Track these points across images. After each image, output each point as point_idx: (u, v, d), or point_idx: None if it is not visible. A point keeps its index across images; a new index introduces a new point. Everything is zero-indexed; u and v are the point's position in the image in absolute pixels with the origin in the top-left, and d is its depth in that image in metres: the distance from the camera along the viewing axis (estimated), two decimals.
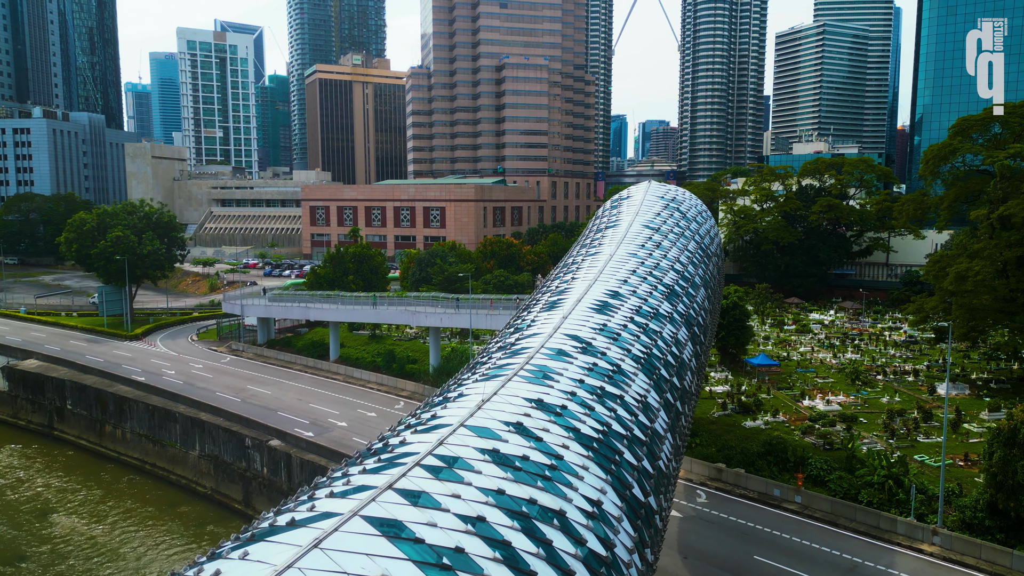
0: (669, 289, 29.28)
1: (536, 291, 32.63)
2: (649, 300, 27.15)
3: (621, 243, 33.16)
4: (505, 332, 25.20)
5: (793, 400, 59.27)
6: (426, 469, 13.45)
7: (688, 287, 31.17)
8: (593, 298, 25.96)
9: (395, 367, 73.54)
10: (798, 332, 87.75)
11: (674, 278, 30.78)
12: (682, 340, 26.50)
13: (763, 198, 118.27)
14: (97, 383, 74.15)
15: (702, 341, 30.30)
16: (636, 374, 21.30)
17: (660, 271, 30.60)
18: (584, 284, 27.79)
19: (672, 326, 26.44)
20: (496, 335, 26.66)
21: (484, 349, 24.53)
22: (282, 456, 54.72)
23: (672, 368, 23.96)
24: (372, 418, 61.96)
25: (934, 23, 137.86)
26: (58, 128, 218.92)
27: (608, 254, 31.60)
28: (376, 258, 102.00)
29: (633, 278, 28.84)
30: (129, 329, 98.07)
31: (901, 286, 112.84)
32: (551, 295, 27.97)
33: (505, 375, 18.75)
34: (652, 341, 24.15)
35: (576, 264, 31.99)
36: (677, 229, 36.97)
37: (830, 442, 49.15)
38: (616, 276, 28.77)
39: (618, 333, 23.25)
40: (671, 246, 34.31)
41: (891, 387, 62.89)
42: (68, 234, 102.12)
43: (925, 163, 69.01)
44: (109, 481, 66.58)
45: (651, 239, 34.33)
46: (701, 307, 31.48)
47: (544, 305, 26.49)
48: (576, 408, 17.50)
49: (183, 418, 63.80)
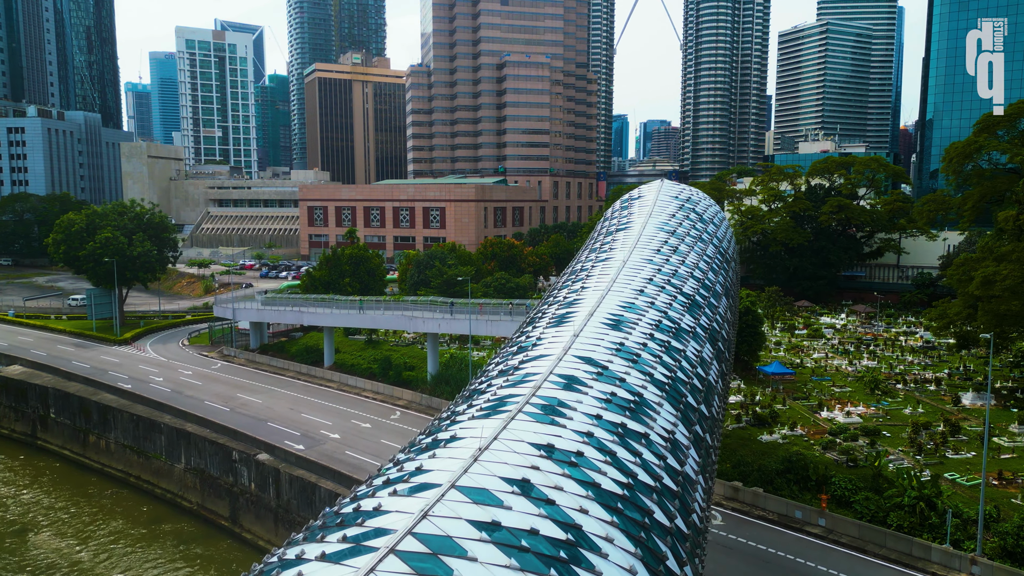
0: (690, 299, 26.25)
1: (541, 301, 29.61)
2: (669, 313, 24.12)
3: (635, 247, 30.11)
4: (507, 351, 22.15)
5: (810, 411, 56.17)
6: (401, 559, 10.34)
7: (710, 296, 28.13)
8: (607, 311, 22.93)
9: (391, 374, 70.50)
10: (810, 337, 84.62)
11: (694, 287, 27.74)
12: (707, 359, 23.47)
13: (771, 198, 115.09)
14: (81, 391, 71.13)
15: (727, 358, 27.30)
16: (661, 404, 18.29)
17: (679, 279, 27.55)
18: (596, 295, 24.74)
19: (696, 343, 23.41)
20: (497, 353, 23.57)
21: (483, 371, 21.50)
22: (270, 471, 51.68)
23: (699, 393, 20.95)
24: (366, 430, 58.93)
25: (945, 21, 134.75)
26: (53, 127, 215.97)
27: (621, 260, 28.55)
28: (373, 260, 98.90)
29: (650, 287, 25.79)
30: (118, 333, 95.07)
31: (913, 288, 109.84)
32: (559, 307, 24.92)
33: (507, 411, 15.73)
34: (676, 362, 21.13)
35: (585, 271, 28.90)
36: (694, 232, 33.89)
37: (853, 458, 46.04)
38: (631, 285, 25.73)
39: (637, 354, 20.23)
40: (689, 251, 31.25)
41: (913, 397, 59.79)
42: (56, 235, 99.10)
43: (948, 161, 65.87)
44: (92, 495, 63.53)
45: (667, 243, 31.27)
46: (724, 319, 28.46)
47: (551, 319, 23.43)
48: (594, 455, 14.46)
49: (168, 429, 60.78)
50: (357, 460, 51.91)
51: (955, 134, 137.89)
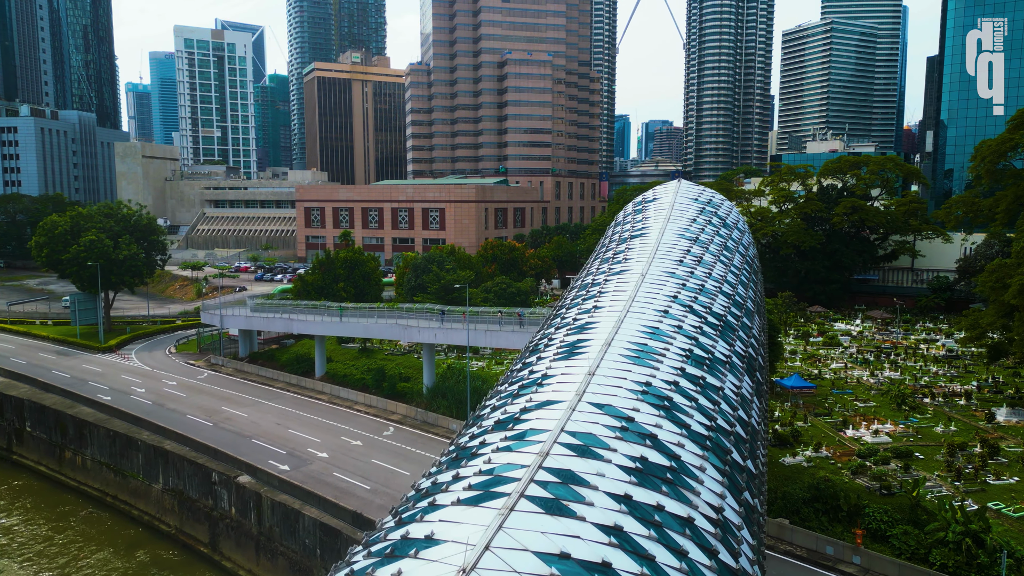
0: (721, 321, 22.37)
1: (547, 320, 25.71)
2: (700, 339, 20.25)
3: (653, 258, 26.19)
4: (507, 390, 18.17)
5: (834, 429, 52.19)
6: None
7: (743, 316, 24.25)
8: (627, 339, 19.04)
9: (385, 386, 66.56)
10: (826, 345, 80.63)
11: (725, 304, 23.86)
12: (748, 395, 19.60)
13: (781, 199, 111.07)
14: (57, 404, 67.23)
15: (765, 391, 23.41)
16: (703, 469, 14.44)
17: (707, 296, 23.66)
18: (612, 317, 20.86)
19: (734, 376, 19.54)
20: (495, 390, 19.59)
21: (476, 418, 17.55)
22: (251, 496, 47.75)
23: (744, 444, 17.11)
24: (357, 448, 54.99)
25: (959, 17, 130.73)
26: (46, 127, 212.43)
27: (639, 273, 24.64)
28: (369, 263, 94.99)
29: (675, 307, 21.91)
30: (103, 340, 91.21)
31: (929, 292, 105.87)
32: (568, 331, 21.02)
33: (504, 494, 11.71)
34: (714, 405, 17.28)
35: (598, 285, 24.96)
36: (718, 239, 29.96)
37: (887, 485, 42.04)
38: (653, 304, 21.84)
39: (668, 397, 16.38)
40: (714, 261, 27.33)
41: (942, 412, 55.80)
42: (39, 238, 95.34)
43: (980, 160, 61.89)
44: (66, 514, 59.67)
45: (689, 252, 27.35)
46: (759, 342, 24.58)
47: (560, 349, 19.50)
48: (626, 566, 10.51)
49: (146, 447, 56.87)
50: (345, 483, 48.03)
51: (969, 132, 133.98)
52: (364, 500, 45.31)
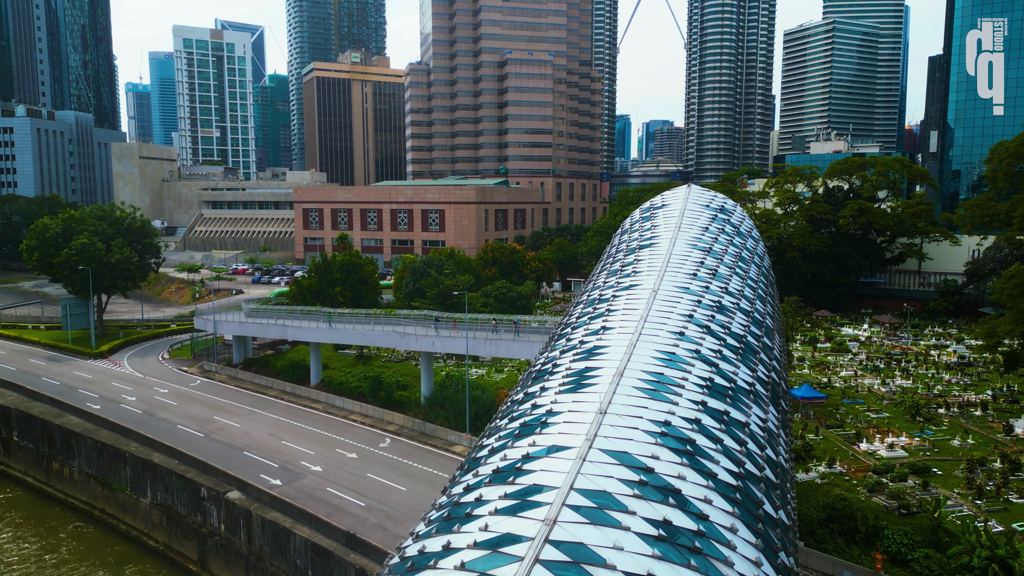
0: (741, 343, 20.48)
1: (552, 337, 23.80)
2: (721, 366, 18.37)
3: (665, 271, 24.29)
4: (507, 427, 16.19)
5: (848, 443, 50.27)
6: None
7: (763, 335, 22.35)
8: (641, 367, 17.17)
9: (382, 395, 64.66)
10: (834, 351, 78.71)
11: (743, 323, 21.97)
12: (774, 428, 17.72)
13: (787, 201, 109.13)
14: (45, 413, 65.35)
15: (790, 420, 21.48)
16: (735, 529, 12.57)
17: (725, 314, 21.77)
18: (624, 341, 18.97)
19: (759, 408, 17.67)
20: (496, 425, 17.62)
21: (473, 462, 15.57)
22: (241, 512, 45.86)
23: (774, 489, 15.24)
24: (352, 461, 53.10)
25: (967, 16, 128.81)
26: (43, 127, 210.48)
27: (650, 288, 22.74)
28: (366, 267, 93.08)
29: (692, 328, 20.03)
30: (94, 345, 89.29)
31: (937, 296, 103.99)
32: (575, 355, 19.12)
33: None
34: (740, 445, 15.40)
35: (606, 302, 23.03)
36: (733, 250, 28.03)
37: (906, 504, 40.15)
38: (667, 325, 19.96)
39: (690, 440, 14.49)
40: (730, 274, 25.42)
41: (958, 424, 53.88)
42: (30, 241, 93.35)
43: (997, 161, 59.93)
44: (53, 529, 57.81)
45: (703, 264, 25.44)
46: (781, 364, 22.67)
47: (567, 378, 17.59)
48: None
49: (133, 459, 54.99)
50: (339, 500, 46.15)
51: (977, 134, 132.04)
52: (358, 518, 43.44)
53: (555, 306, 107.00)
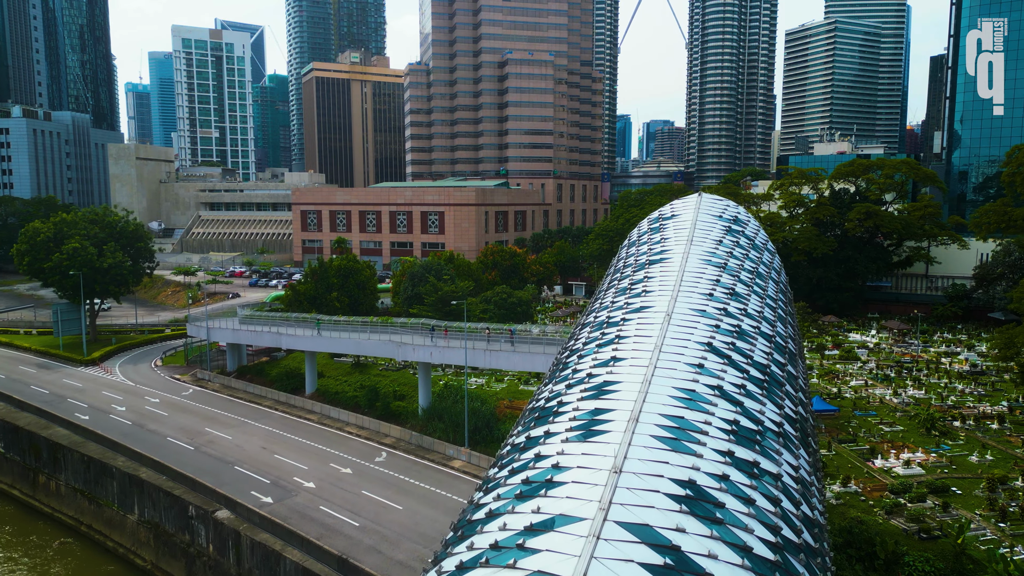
0: (766, 374, 18.61)
1: (557, 363, 21.90)
2: (746, 404, 16.49)
3: (678, 290, 22.40)
4: (507, 485, 14.13)
5: (862, 459, 48.34)
6: None
7: (787, 363, 20.48)
8: (658, 411, 15.25)
9: (379, 405, 62.73)
10: (842, 358, 76.78)
11: (766, 350, 20.10)
12: (807, 476, 15.82)
13: (792, 204, 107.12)
14: (31, 424, 63.49)
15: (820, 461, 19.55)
16: None
17: (746, 340, 19.90)
18: (637, 375, 17.06)
19: (789, 452, 15.79)
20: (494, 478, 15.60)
21: (468, 525, 13.60)
22: (230, 533, 43.97)
23: (815, 557, 13.35)
24: (346, 476, 51.22)
25: (975, 15, 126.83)
26: (39, 128, 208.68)
27: (663, 311, 20.85)
28: (364, 272, 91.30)
29: (711, 359, 18.15)
30: (86, 352, 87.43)
31: (945, 300, 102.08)
32: (583, 391, 17.19)
33: None
34: (774, 505, 13.48)
35: (615, 326, 21.10)
36: (749, 265, 26.11)
37: (926, 528, 38.24)
38: (685, 356, 18.08)
39: (719, 503, 12.58)
40: (748, 293, 23.54)
41: (975, 438, 51.96)
42: (20, 245, 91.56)
43: (1016, 165, 58.07)
44: (37, 546, 55.98)
45: (719, 282, 23.55)
46: (807, 394, 20.79)
47: (575, 423, 15.61)
48: None
49: (120, 474, 53.11)
50: (332, 519, 44.28)
51: (984, 135, 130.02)
52: (352, 540, 41.57)
53: (556, 311, 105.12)
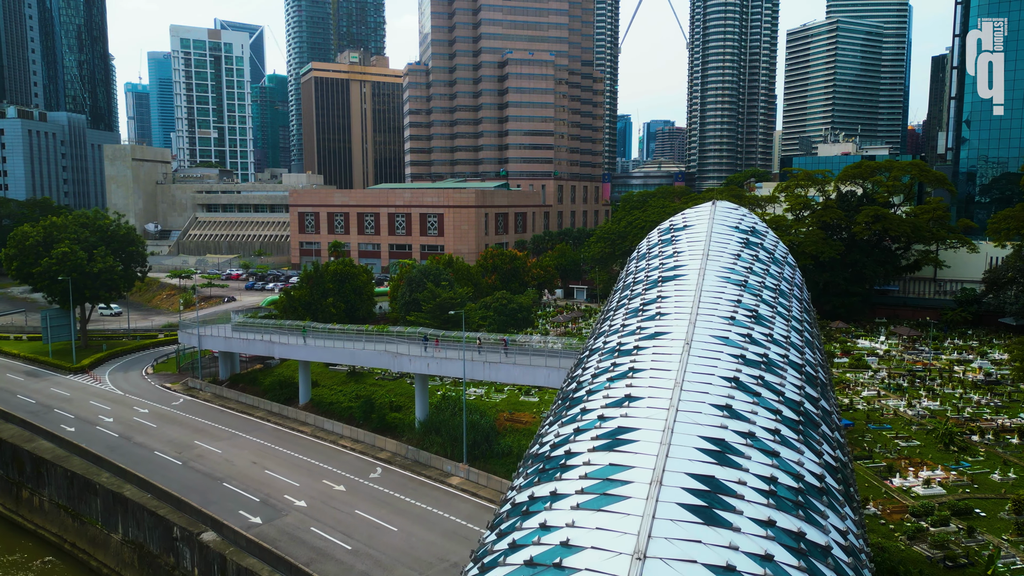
0: (799, 413, 16.45)
1: (563, 396, 19.72)
2: (783, 454, 14.33)
3: (697, 313, 20.24)
4: (508, 563, 12.00)
5: (879, 478, 46.17)
6: None
7: (820, 397, 18.32)
8: (685, 469, 12.99)
9: (374, 417, 60.55)
10: (852, 367, 74.61)
11: (797, 383, 17.95)
12: (856, 543, 13.62)
13: (798, 206, 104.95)
14: (15, 436, 61.34)
15: (862, 516, 17.36)
16: None
17: (775, 373, 17.76)
18: (657, 420, 14.86)
19: (835, 513, 13.64)
20: (489, 558, 13.27)
21: None
22: (216, 557, 41.82)
23: None
24: (339, 494, 49.05)
25: (983, 13, 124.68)
26: (34, 128, 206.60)
27: (681, 339, 18.67)
28: (360, 276, 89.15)
29: (739, 398, 16.00)
30: (75, 359, 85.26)
31: (955, 305, 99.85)
32: (595, 439, 14.92)
33: None
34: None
35: (628, 354, 18.89)
36: (771, 282, 23.94)
37: (952, 555, 36.07)
38: (709, 395, 15.92)
39: None
40: (772, 315, 21.38)
41: (995, 454, 49.79)
42: (9, 249, 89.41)
43: None
44: (19, 564, 53.85)
45: (740, 303, 21.38)
46: (842, 433, 18.57)
47: (587, 481, 13.29)
48: None
49: (104, 491, 50.97)
50: (324, 541, 42.14)
51: (992, 136, 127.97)
52: (343, 566, 39.43)
53: (557, 316, 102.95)
